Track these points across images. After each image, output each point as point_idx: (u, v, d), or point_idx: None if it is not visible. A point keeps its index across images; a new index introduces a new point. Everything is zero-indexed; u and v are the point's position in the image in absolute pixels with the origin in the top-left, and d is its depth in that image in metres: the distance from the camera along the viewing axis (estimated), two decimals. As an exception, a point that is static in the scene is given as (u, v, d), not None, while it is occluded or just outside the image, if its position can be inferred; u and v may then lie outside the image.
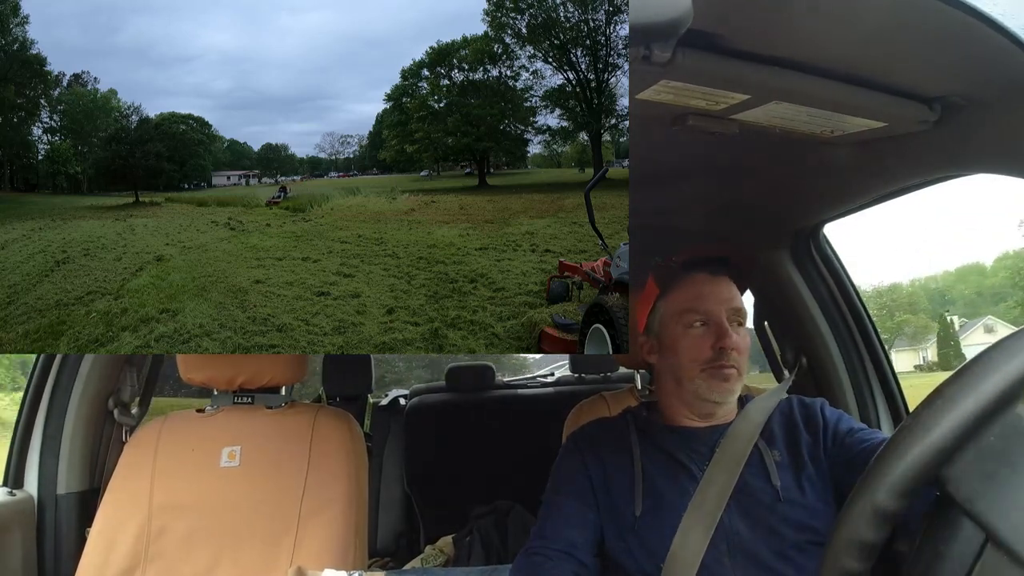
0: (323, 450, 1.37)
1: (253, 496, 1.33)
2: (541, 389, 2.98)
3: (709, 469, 0.98)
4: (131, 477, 1.35)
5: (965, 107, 0.91)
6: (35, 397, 1.57)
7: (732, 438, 0.99)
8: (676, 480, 1.00)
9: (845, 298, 1.57)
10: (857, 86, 0.89)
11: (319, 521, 1.32)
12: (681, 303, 1.04)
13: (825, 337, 1.58)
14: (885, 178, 1.19)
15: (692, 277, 1.05)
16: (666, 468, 1.01)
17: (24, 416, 1.56)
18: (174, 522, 1.31)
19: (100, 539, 1.30)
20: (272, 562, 1.29)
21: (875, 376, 1.55)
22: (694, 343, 1.01)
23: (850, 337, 1.57)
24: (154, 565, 1.29)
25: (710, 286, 1.03)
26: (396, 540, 2.66)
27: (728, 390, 1.01)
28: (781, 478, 0.97)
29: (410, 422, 2.68)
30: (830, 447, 0.99)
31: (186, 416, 1.43)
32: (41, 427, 1.55)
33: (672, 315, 1.04)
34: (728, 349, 1.00)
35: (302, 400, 1.58)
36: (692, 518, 0.94)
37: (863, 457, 0.91)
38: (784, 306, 1.65)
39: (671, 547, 0.94)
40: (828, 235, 1.58)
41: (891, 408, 1.53)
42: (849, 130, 1.00)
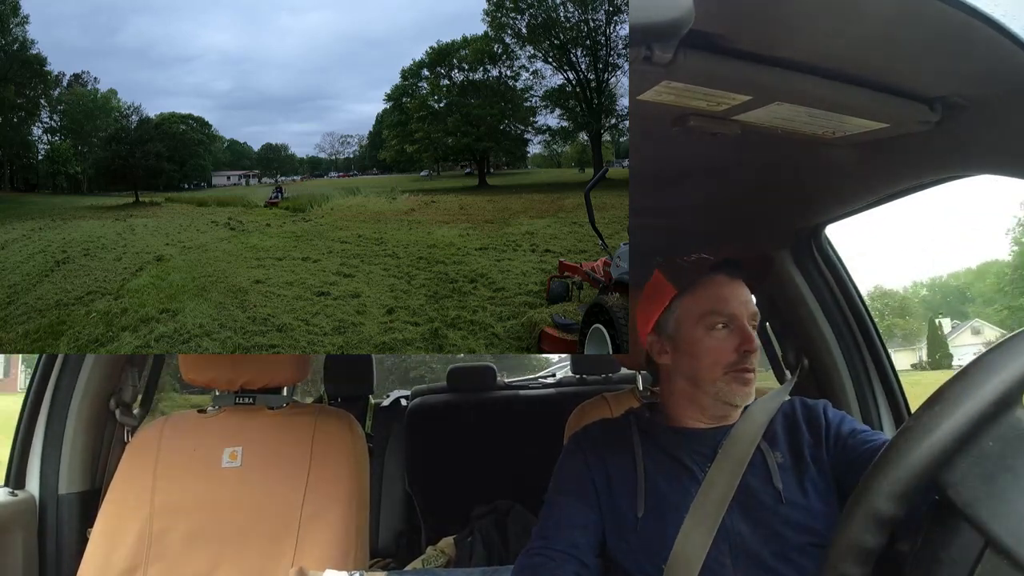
0: (324, 451, 1.37)
1: (254, 496, 1.33)
2: (542, 390, 2.98)
3: (711, 470, 0.97)
4: (133, 477, 1.35)
5: (967, 108, 0.91)
6: (37, 397, 1.57)
7: (735, 440, 0.99)
8: (678, 481, 0.99)
9: (847, 299, 1.57)
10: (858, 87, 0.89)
11: (320, 522, 1.32)
12: (703, 305, 1.02)
13: (827, 338, 1.58)
14: (887, 179, 1.18)
15: (713, 279, 1.03)
16: (668, 469, 1.01)
17: (26, 416, 1.56)
18: (176, 522, 1.31)
19: (102, 539, 1.31)
20: (273, 562, 1.29)
21: (877, 377, 1.55)
22: (717, 345, 1.00)
23: (852, 338, 1.57)
24: (156, 565, 1.29)
25: (730, 288, 1.02)
26: (397, 540, 2.65)
27: (748, 393, 1.00)
28: (783, 480, 0.96)
29: (411, 423, 2.68)
30: (832, 449, 0.99)
31: (187, 416, 1.44)
32: (43, 427, 1.56)
33: (692, 316, 1.02)
34: (750, 352, 1.00)
35: (303, 399, 1.58)
36: (694, 519, 0.94)
37: (865, 458, 0.90)
38: (786, 307, 1.64)
39: (673, 548, 0.94)
40: (829, 236, 1.58)
41: (893, 409, 1.53)
42: (850, 131, 1.00)
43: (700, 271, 1.04)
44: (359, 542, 1.34)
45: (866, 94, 0.90)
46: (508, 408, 2.77)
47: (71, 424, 1.56)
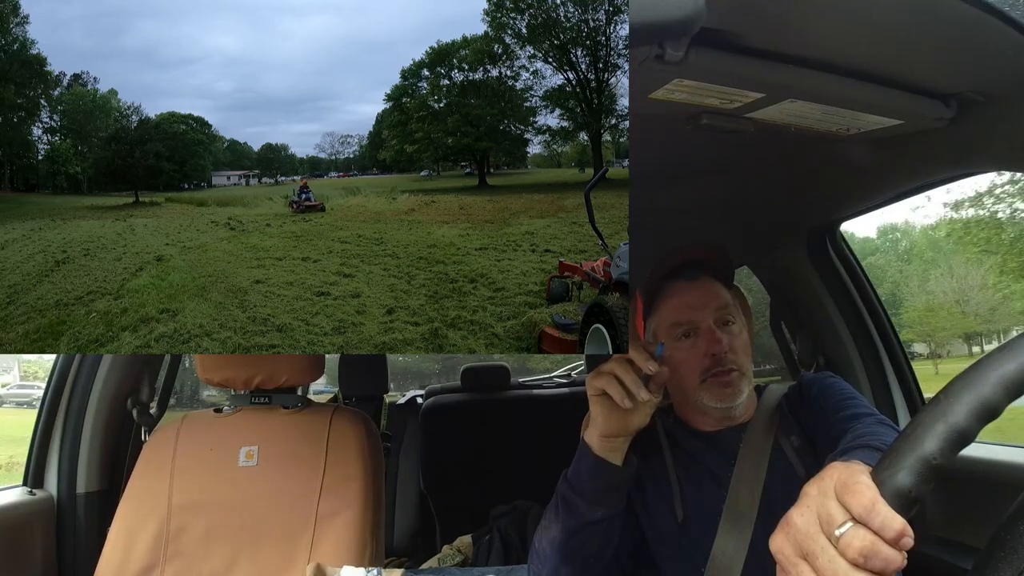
0: (340, 450, 1.37)
1: (271, 495, 1.34)
2: (557, 389, 2.97)
3: (736, 471, 0.96)
4: (150, 477, 1.35)
5: (982, 104, 0.90)
6: (55, 398, 1.58)
7: (752, 434, 0.99)
8: (707, 485, 0.99)
9: (862, 296, 1.56)
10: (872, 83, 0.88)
11: (336, 521, 1.32)
12: (666, 316, 1.01)
13: (842, 335, 1.57)
14: (901, 175, 1.17)
15: (671, 287, 1.02)
16: (697, 473, 1.00)
17: (44, 416, 1.57)
18: (193, 521, 1.32)
19: (119, 538, 1.31)
20: (290, 561, 1.30)
21: (893, 374, 1.54)
22: (686, 356, 0.98)
23: (867, 335, 1.55)
24: (173, 564, 1.30)
25: (689, 293, 1.00)
26: (412, 540, 2.66)
27: (732, 395, 0.98)
28: (804, 463, 0.95)
29: (426, 422, 2.68)
30: (813, 412, 0.98)
31: (204, 416, 1.44)
32: (60, 427, 1.57)
33: (662, 329, 1.01)
34: (721, 354, 0.97)
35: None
36: (728, 522, 0.93)
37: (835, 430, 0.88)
38: (801, 305, 1.63)
39: (712, 552, 0.93)
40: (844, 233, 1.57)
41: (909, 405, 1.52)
42: (864, 128, 0.99)
43: (657, 280, 1.03)
44: (375, 541, 1.34)
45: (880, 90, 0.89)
46: (522, 408, 2.77)
47: (88, 424, 1.57)
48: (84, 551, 1.52)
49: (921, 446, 0.45)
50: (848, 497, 0.47)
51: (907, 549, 0.46)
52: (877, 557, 0.45)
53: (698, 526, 0.96)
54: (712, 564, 0.92)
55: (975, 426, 0.45)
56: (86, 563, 1.47)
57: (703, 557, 0.93)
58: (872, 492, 0.46)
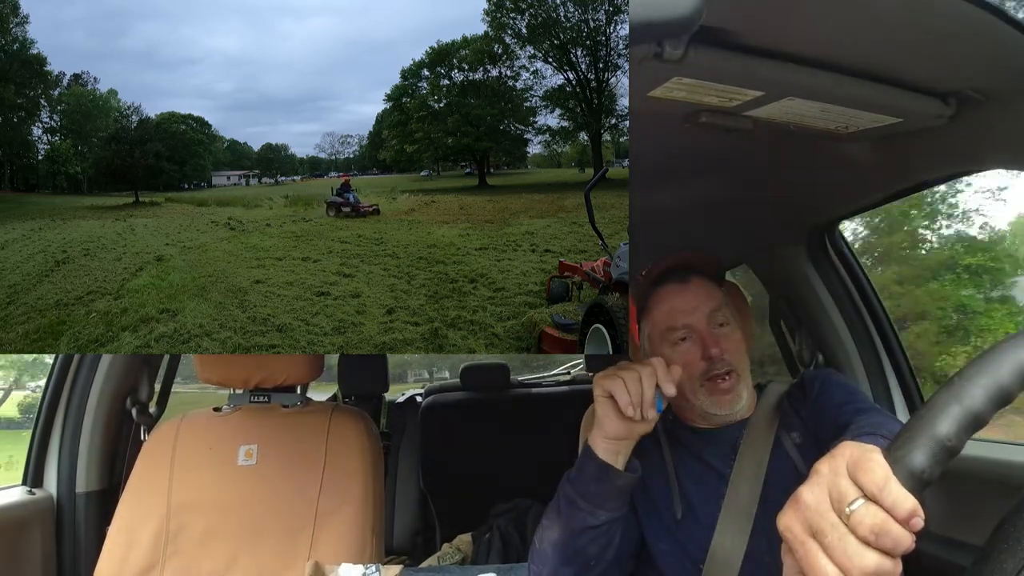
0: (339, 449, 1.37)
1: (270, 494, 1.34)
2: (556, 388, 2.97)
3: (735, 467, 0.96)
4: (149, 476, 1.36)
5: (981, 102, 0.90)
6: (54, 397, 1.58)
7: (752, 433, 0.99)
8: (707, 481, 0.99)
9: (861, 294, 1.56)
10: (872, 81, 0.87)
11: (335, 519, 1.32)
12: (660, 321, 1.01)
13: (841, 334, 1.57)
14: (900, 174, 1.17)
15: (662, 291, 1.02)
16: (696, 470, 1.00)
17: (43, 416, 1.57)
18: (192, 520, 1.32)
19: (119, 537, 1.31)
20: (289, 560, 1.30)
21: (892, 373, 1.54)
22: (683, 359, 0.97)
23: (866, 333, 1.55)
24: (173, 563, 1.30)
25: (681, 296, 1.00)
26: (412, 538, 2.66)
27: (731, 401, 0.98)
28: (805, 460, 0.94)
29: (426, 421, 2.68)
30: (815, 408, 0.97)
31: (203, 415, 1.44)
32: (60, 427, 1.57)
33: (656, 334, 1.01)
34: (718, 357, 0.97)
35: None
36: (728, 518, 0.93)
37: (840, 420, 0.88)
38: (799, 304, 1.63)
39: (710, 548, 0.93)
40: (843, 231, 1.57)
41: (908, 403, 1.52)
42: (864, 126, 0.99)
43: (648, 285, 1.03)
44: (374, 539, 1.34)
45: (879, 89, 0.89)
46: (522, 406, 2.77)
47: (88, 423, 1.58)
48: (84, 550, 1.52)
49: (935, 427, 0.45)
50: (860, 475, 0.47)
51: (917, 530, 0.45)
52: (887, 536, 0.45)
53: (696, 523, 0.96)
54: (711, 560, 0.92)
55: (990, 410, 0.45)
56: (86, 562, 1.48)
57: (702, 554, 0.93)
58: (885, 470, 0.46)
